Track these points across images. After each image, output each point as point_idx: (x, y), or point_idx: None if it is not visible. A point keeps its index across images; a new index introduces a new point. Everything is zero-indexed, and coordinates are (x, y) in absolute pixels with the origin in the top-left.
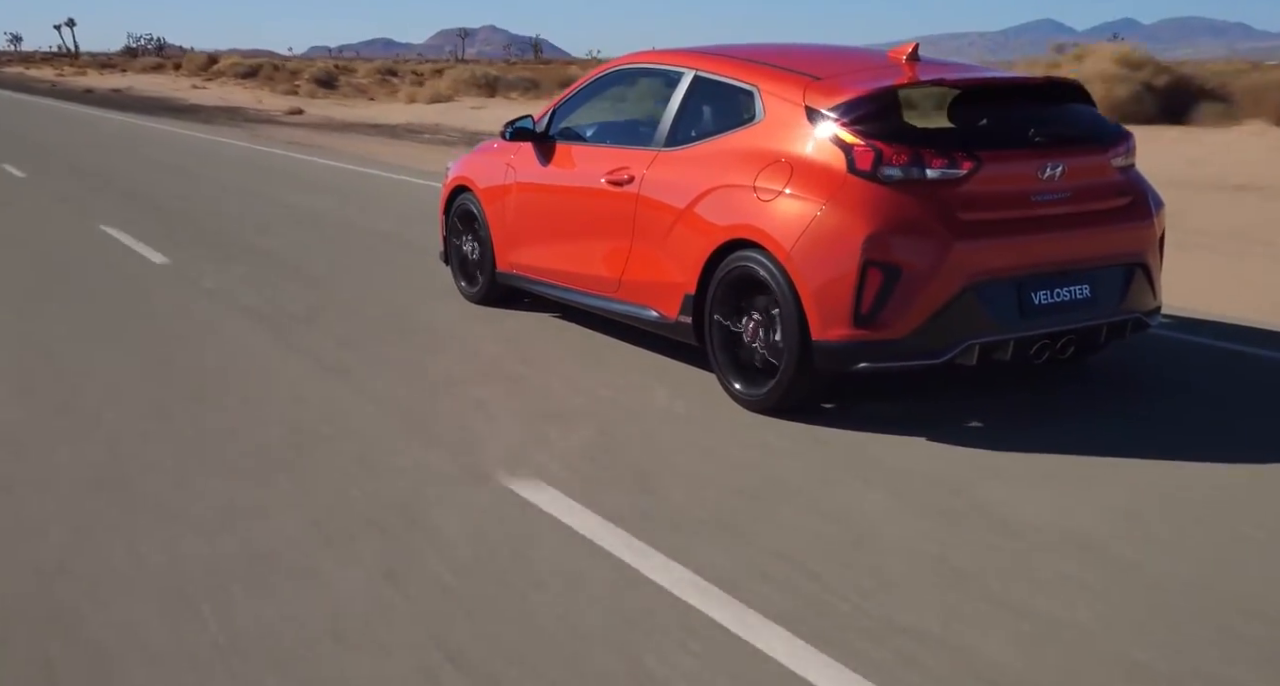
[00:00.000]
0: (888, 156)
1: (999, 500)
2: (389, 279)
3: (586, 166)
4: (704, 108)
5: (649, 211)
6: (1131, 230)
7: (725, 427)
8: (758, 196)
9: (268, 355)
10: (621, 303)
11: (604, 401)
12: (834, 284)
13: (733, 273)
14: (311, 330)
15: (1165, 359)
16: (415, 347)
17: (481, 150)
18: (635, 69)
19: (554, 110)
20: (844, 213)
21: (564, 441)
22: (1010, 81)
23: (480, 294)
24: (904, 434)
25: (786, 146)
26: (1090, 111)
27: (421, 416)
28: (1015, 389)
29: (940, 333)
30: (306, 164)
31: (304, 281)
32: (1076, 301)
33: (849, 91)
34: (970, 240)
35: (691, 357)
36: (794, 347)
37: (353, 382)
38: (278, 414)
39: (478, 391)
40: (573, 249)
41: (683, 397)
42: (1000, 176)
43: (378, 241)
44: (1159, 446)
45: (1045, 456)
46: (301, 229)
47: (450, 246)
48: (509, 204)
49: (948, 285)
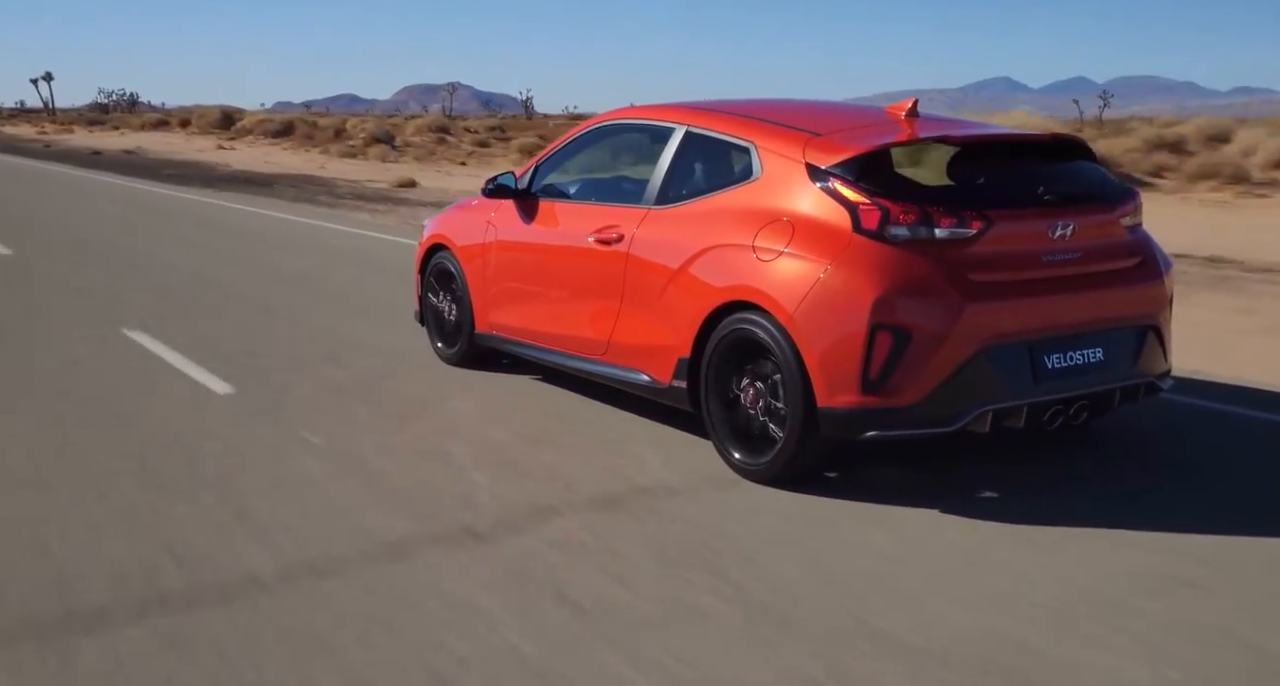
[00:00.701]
0: (895, 215)
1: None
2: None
3: (572, 224)
4: (697, 164)
5: (640, 271)
6: (1143, 291)
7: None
8: (757, 256)
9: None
10: (610, 365)
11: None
12: (840, 348)
13: (731, 335)
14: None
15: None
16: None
17: (459, 207)
18: (622, 124)
19: (536, 167)
20: (850, 273)
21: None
22: (1015, 138)
23: (458, 355)
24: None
25: (786, 205)
26: (1096, 169)
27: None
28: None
29: (952, 399)
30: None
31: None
32: (1090, 365)
33: (851, 148)
34: (982, 302)
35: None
36: (798, 415)
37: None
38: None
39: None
40: (557, 310)
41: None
42: (1010, 236)
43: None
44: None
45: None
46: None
47: (426, 306)
48: (489, 263)
49: (960, 349)
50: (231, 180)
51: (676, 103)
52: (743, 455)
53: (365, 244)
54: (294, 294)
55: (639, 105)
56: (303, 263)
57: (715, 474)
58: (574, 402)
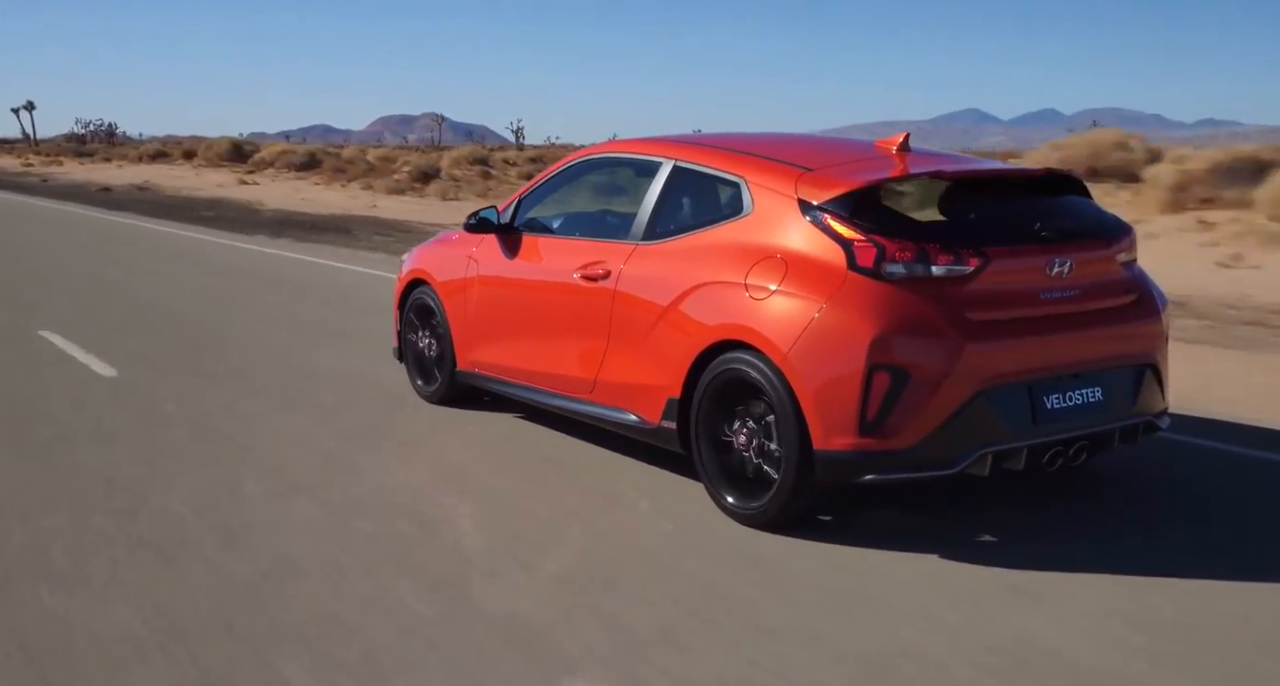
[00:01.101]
0: (891, 252)
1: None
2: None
3: (557, 260)
4: (685, 199)
5: (627, 308)
6: (1141, 329)
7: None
8: (749, 294)
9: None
10: (596, 405)
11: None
12: (837, 389)
13: (722, 375)
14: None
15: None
16: None
17: (440, 242)
18: (607, 158)
19: (519, 200)
20: (846, 312)
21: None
22: (1010, 173)
23: (438, 393)
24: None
25: (779, 241)
26: (1090, 204)
27: None
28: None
29: (951, 441)
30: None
31: None
32: (1089, 405)
33: (845, 183)
34: (982, 341)
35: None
36: (793, 457)
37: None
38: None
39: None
40: (542, 347)
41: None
42: (1008, 273)
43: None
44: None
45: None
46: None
47: (405, 343)
48: (471, 299)
49: (960, 390)
50: (286, 224)
51: (663, 136)
52: (736, 499)
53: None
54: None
55: (624, 139)
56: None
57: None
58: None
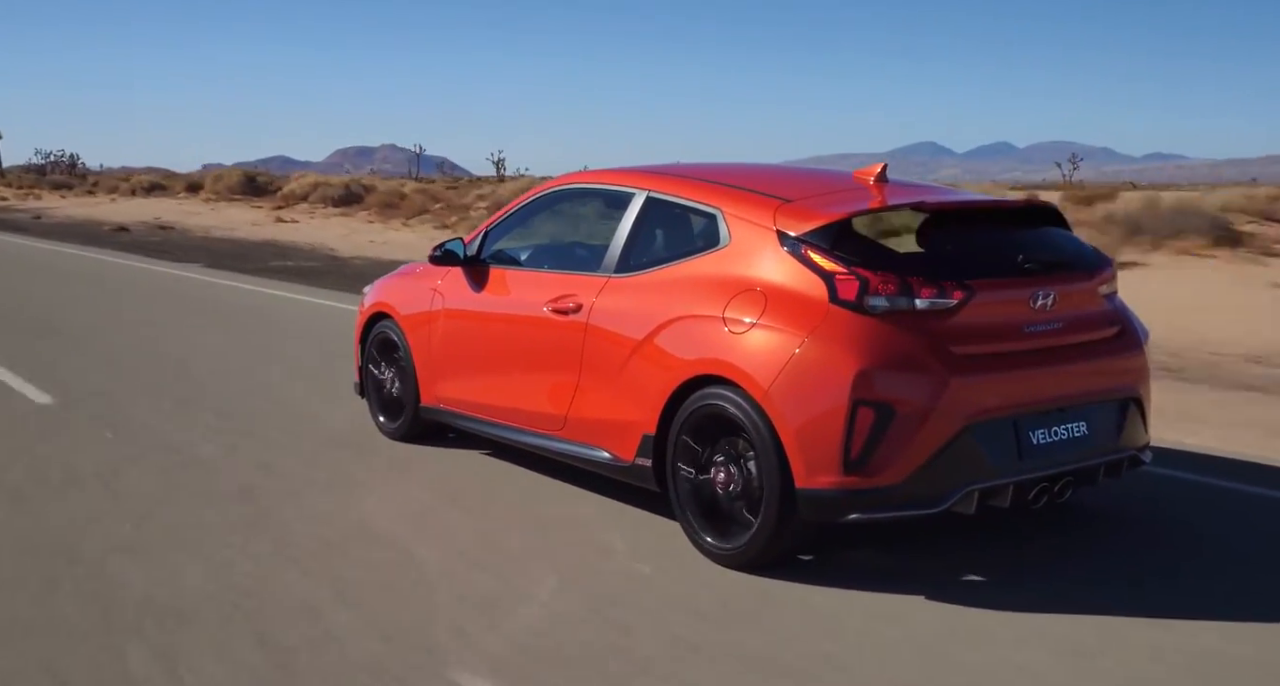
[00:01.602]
0: (874, 285)
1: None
2: None
3: (526, 293)
4: (658, 231)
5: (600, 342)
6: (1124, 362)
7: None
8: (728, 328)
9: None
10: (567, 442)
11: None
12: (819, 425)
13: (699, 411)
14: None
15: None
16: None
17: (403, 274)
18: (577, 189)
19: (486, 232)
20: (828, 347)
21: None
22: (990, 205)
23: (402, 429)
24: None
25: (757, 274)
26: (1070, 235)
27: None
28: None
29: (938, 478)
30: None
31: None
32: (1075, 439)
33: (825, 215)
34: (967, 376)
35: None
36: (774, 496)
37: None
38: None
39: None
40: (510, 382)
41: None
42: (991, 306)
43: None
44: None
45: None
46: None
47: (367, 378)
48: (436, 333)
49: (946, 426)
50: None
51: (635, 167)
52: (715, 539)
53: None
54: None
55: (594, 169)
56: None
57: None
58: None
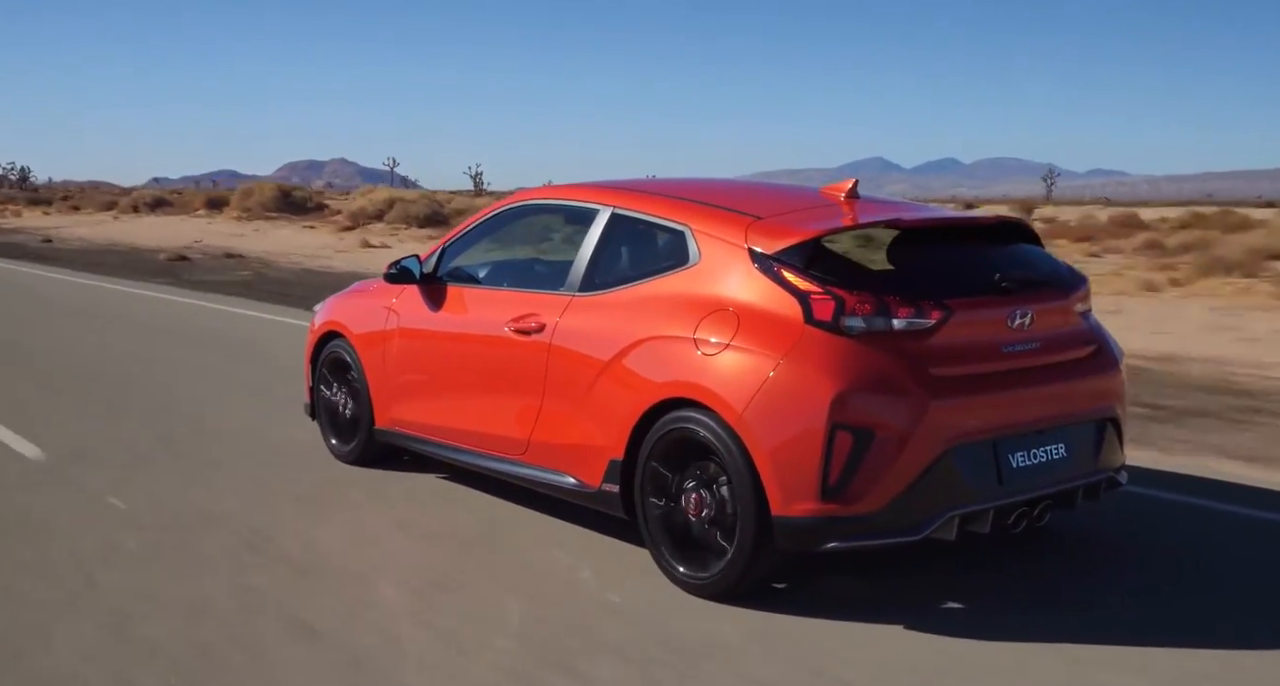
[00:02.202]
0: (850, 305)
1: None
2: None
3: (486, 312)
4: (624, 249)
5: (565, 363)
6: (1101, 382)
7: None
8: (699, 350)
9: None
10: (530, 467)
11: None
12: (796, 451)
13: (670, 436)
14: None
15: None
16: None
17: (356, 292)
18: (540, 205)
19: (443, 249)
20: (804, 369)
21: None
22: (964, 221)
23: (355, 453)
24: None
25: (728, 293)
26: (1043, 252)
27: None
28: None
29: (918, 504)
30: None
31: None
32: (1054, 462)
33: (798, 233)
34: (946, 398)
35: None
36: (750, 524)
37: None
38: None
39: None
40: (469, 405)
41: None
42: (969, 326)
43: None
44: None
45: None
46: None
47: (318, 399)
48: (391, 353)
49: (926, 450)
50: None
51: (599, 182)
52: (687, 568)
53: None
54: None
55: (557, 184)
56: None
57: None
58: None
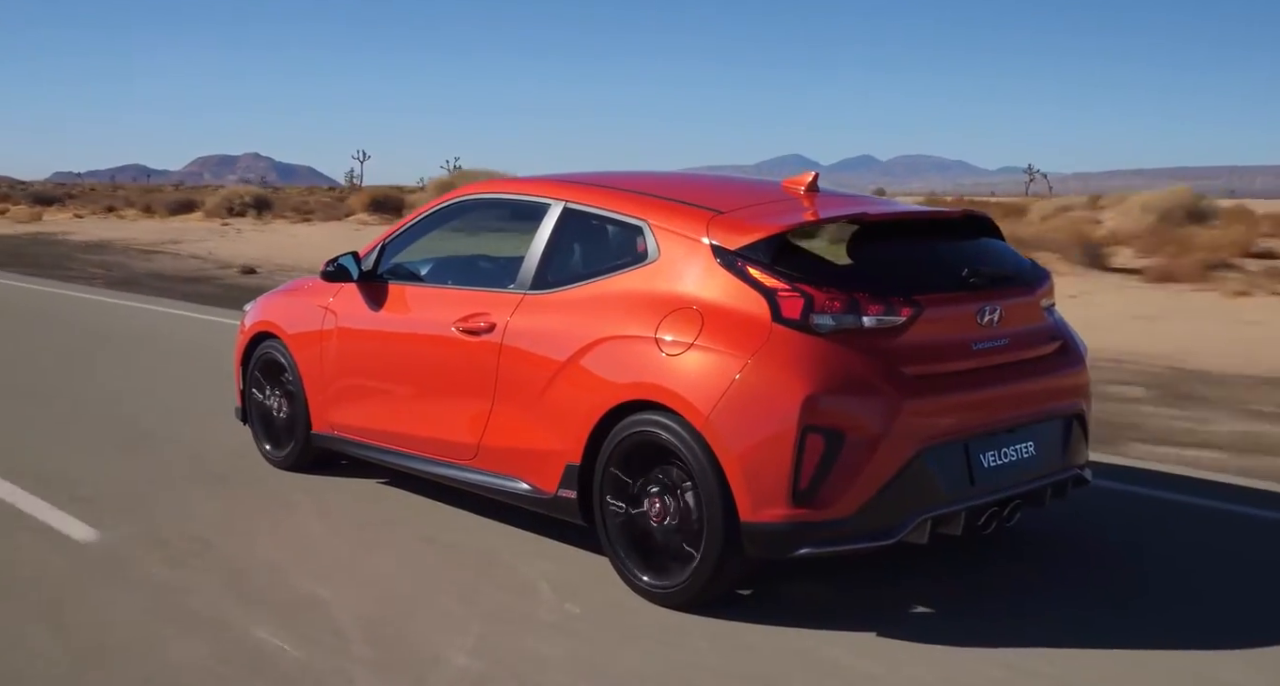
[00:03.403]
0: (820, 302)
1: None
2: None
3: (430, 311)
4: (578, 245)
5: (516, 365)
6: (1068, 378)
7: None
8: (661, 350)
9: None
10: (480, 472)
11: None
12: (765, 454)
13: (630, 439)
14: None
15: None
16: None
17: (290, 290)
18: (484, 199)
19: (383, 245)
20: (773, 369)
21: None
22: (929, 215)
23: (290, 458)
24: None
25: (690, 290)
26: (1007, 247)
27: None
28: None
29: (891, 508)
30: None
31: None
32: (1024, 461)
33: (762, 228)
34: (919, 398)
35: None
36: (717, 531)
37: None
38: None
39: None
40: (414, 408)
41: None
42: (939, 322)
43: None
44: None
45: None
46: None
47: (250, 403)
48: (328, 354)
49: (899, 451)
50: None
51: (549, 175)
52: (650, 577)
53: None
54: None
55: (505, 178)
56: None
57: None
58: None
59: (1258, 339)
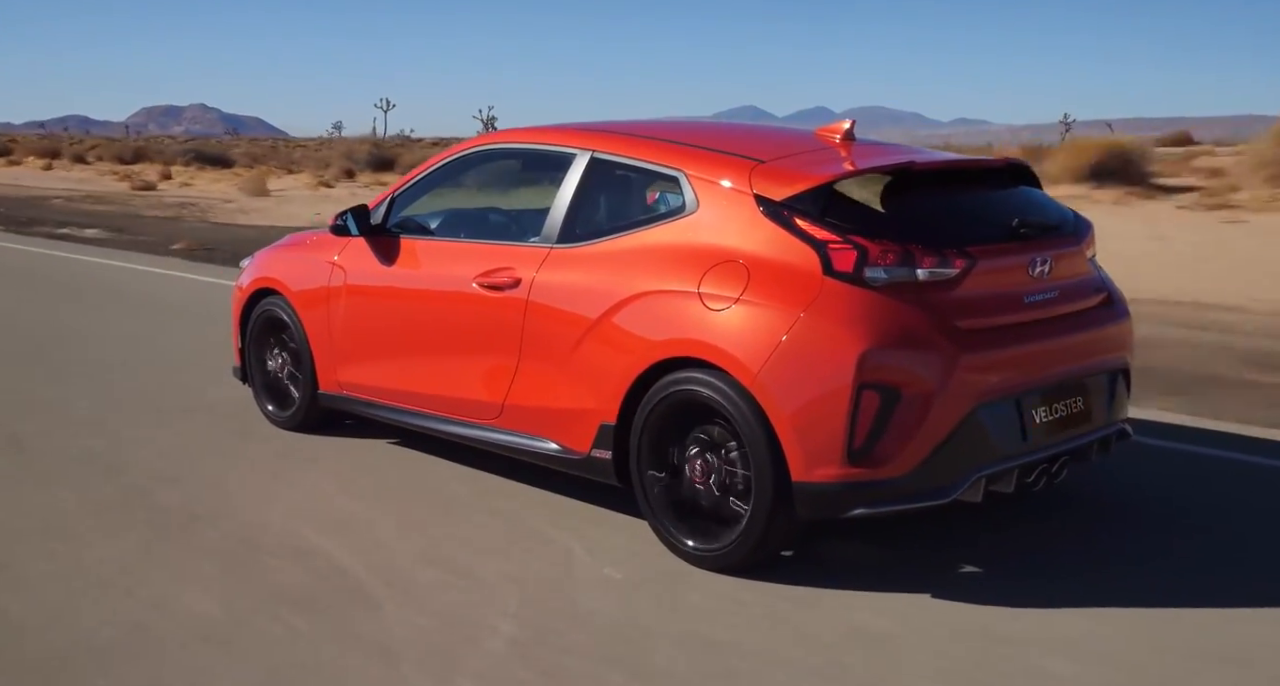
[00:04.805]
0: (874, 255)
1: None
2: None
3: (448, 266)
4: (608, 197)
5: (544, 322)
6: (1115, 331)
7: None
8: (705, 304)
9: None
10: (505, 432)
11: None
12: (819, 412)
13: (670, 397)
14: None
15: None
16: None
17: (291, 245)
18: (503, 149)
19: (393, 199)
20: (826, 324)
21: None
22: (975, 164)
23: (296, 419)
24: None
25: (734, 243)
26: (1048, 196)
27: None
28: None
29: (946, 466)
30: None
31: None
32: (1073, 416)
33: (809, 177)
34: (975, 352)
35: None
36: (766, 491)
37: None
38: None
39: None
40: (431, 366)
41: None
42: (992, 274)
43: None
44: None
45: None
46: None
47: (251, 362)
48: (337, 311)
49: (956, 407)
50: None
51: (573, 124)
52: (695, 541)
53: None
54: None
55: (525, 127)
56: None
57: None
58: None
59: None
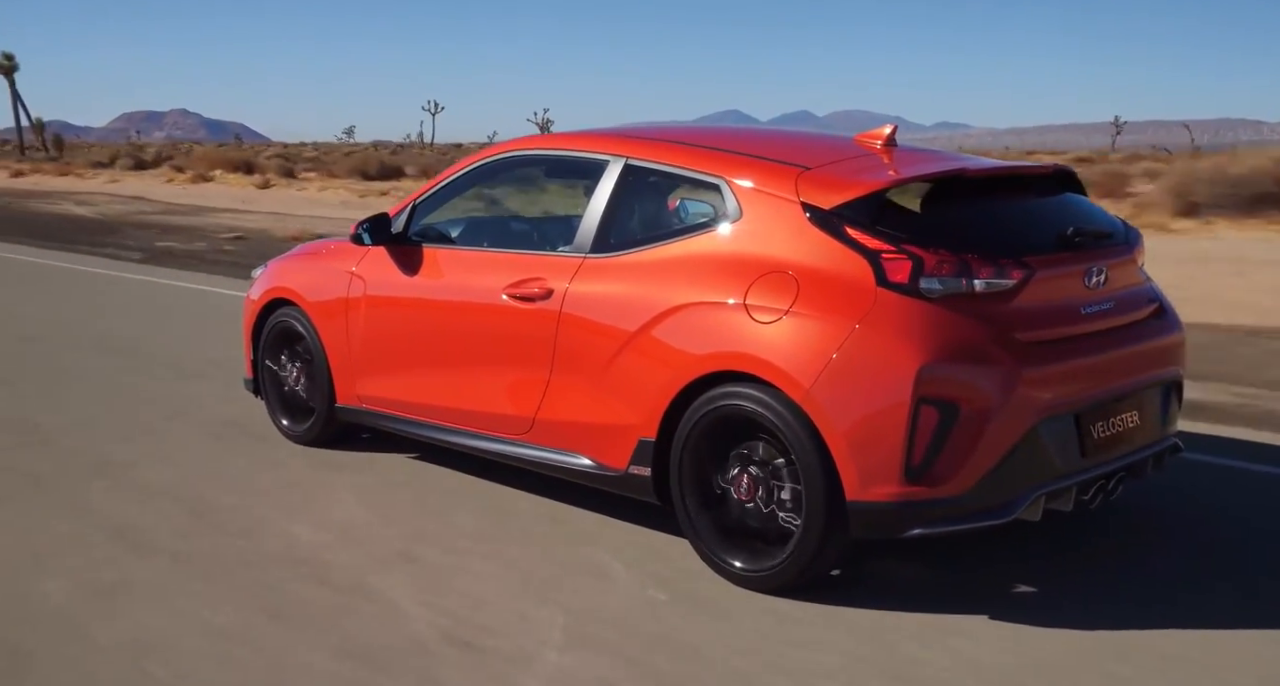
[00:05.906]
0: (930, 266)
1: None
2: None
3: (474, 276)
4: (642, 205)
5: (578, 334)
6: (1168, 343)
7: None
8: (752, 316)
9: None
10: (536, 447)
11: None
12: (875, 428)
13: (714, 413)
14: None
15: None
16: None
17: (307, 254)
18: (530, 156)
19: (414, 206)
20: (881, 337)
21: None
22: (1025, 171)
23: (312, 433)
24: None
25: (781, 253)
26: (1096, 205)
27: None
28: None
29: (1007, 484)
30: None
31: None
32: (1130, 431)
33: (858, 185)
34: (1035, 367)
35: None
36: (818, 511)
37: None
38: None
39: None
40: (458, 380)
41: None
42: (1050, 285)
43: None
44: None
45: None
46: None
47: (263, 374)
48: (356, 322)
49: (1015, 424)
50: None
51: (605, 129)
52: (742, 562)
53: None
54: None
55: (553, 133)
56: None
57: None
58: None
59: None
